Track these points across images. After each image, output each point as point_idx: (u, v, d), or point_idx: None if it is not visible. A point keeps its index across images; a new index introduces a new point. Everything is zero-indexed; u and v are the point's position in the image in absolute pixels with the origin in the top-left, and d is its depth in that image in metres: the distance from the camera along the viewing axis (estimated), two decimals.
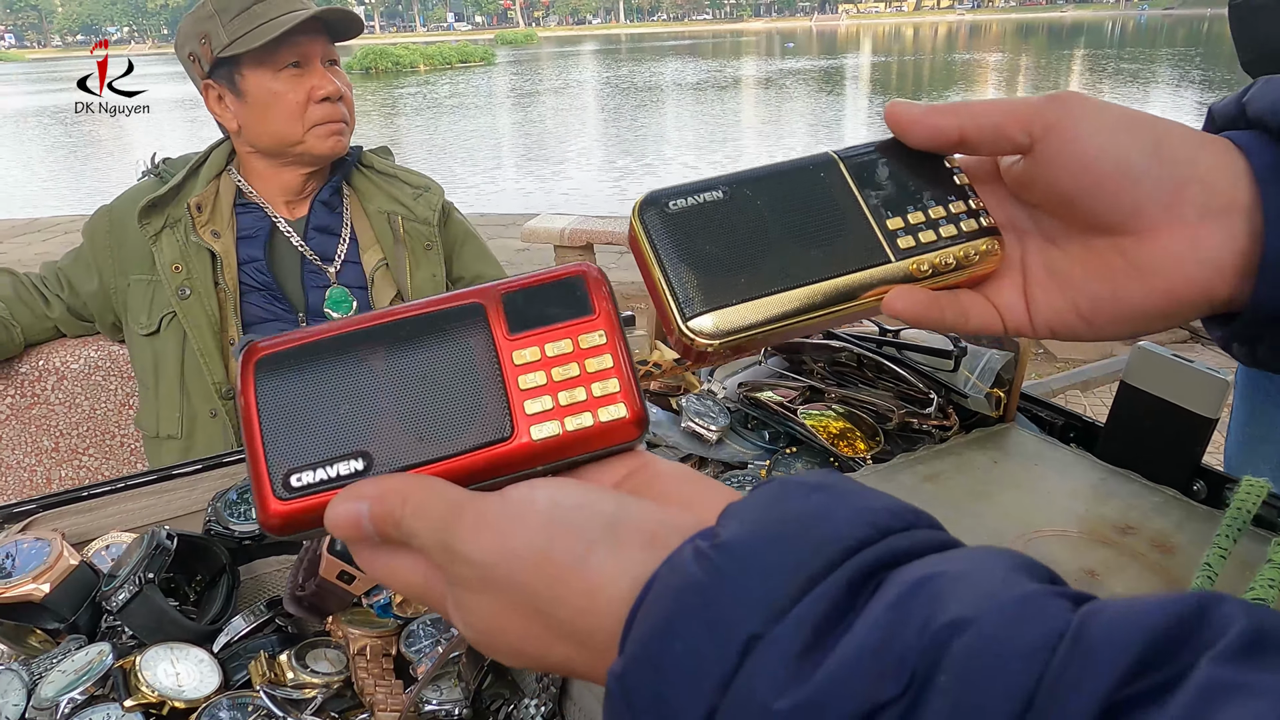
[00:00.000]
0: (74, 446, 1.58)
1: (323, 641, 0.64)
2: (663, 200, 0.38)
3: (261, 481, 0.32)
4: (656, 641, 0.25)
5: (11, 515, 0.69)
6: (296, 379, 0.33)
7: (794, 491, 0.27)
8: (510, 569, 0.28)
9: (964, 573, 0.23)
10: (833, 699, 0.21)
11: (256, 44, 1.33)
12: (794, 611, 0.23)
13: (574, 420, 0.33)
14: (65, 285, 1.50)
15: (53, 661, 0.60)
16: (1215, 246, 0.36)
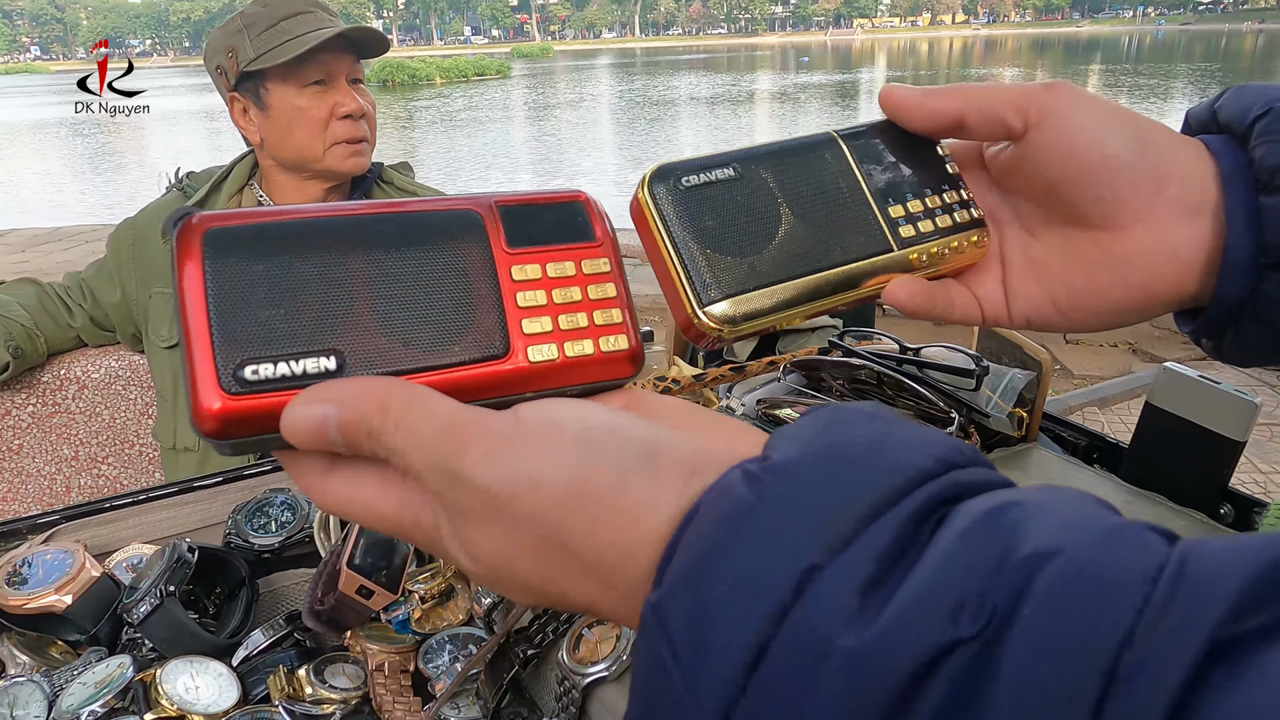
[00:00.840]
0: (93, 455, 1.59)
1: (341, 656, 0.64)
2: (675, 175, 0.36)
3: (204, 371, 0.26)
4: (702, 567, 0.22)
5: (35, 526, 0.70)
6: (255, 259, 0.27)
7: (850, 416, 0.25)
8: (533, 499, 0.25)
9: (1042, 503, 0.22)
10: (904, 636, 0.19)
11: (282, 59, 1.34)
12: (858, 541, 0.21)
13: (574, 346, 0.30)
14: (88, 295, 1.51)
15: (74, 673, 0.60)
16: (1187, 244, 0.37)
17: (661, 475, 0.25)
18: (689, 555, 0.23)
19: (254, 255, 0.27)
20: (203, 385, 0.26)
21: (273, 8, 1.39)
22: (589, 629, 0.54)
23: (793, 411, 0.85)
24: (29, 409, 1.53)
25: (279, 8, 1.39)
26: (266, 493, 0.75)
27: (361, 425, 0.26)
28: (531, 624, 0.57)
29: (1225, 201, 0.37)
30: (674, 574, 0.23)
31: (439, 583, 0.67)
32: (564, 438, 0.26)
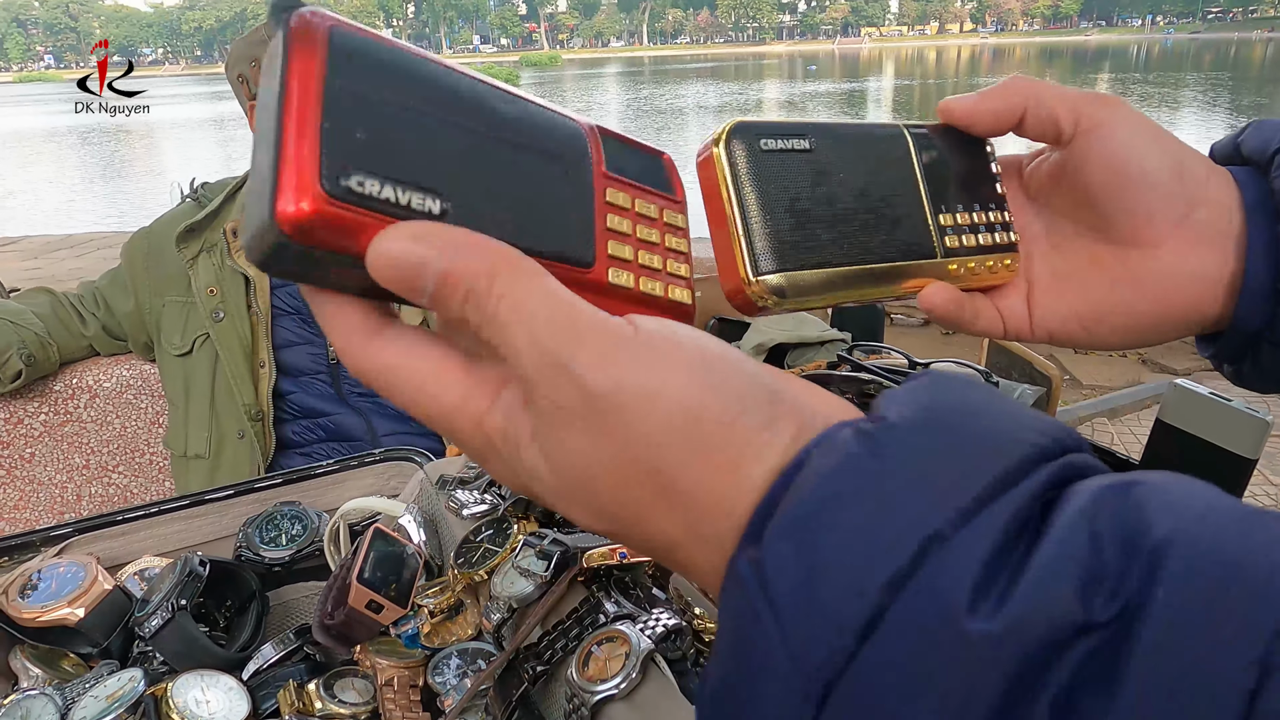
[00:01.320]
0: (104, 464, 1.60)
1: (350, 671, 0.64)
2: (754, 135, 0.36)
3: (305, 162, 0.23)
4: (812, 523, 0.21)
5: (48, 539, 0.70)
6: (378, 73, 0.25)
7: (959, 386, 0.24)
8: (641, 413, 0.23)
9: (1164, 484, 0.20)
10: (1033, 617, 0.18)
11: None
12: (982, 514, 0.20)
13: (646, 283, 0.30)
14: (101, 304, 1.53)
15: (85, 687, 0.60)
16: (1209, 267, 0.38)
17: (777, 422, 0.23)
18: (797, 509, 0.21)
19: (377, 69, 0.25)
20: (300, 175, 0.23)
21: None
22: (598, 646, 0.54)
23: None
24: (41, 417, 1.54)
25: None
26: (277, 505, 0.76)
27: (463, 283, 0.23)
28: (541, 640, 0.57)
29: (1248, 229, 0.38)
30: (779, 528, 0.21)
31: (448, 597, 0.67)
32: (685, 356, 0.24)
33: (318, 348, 1.49)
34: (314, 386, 1.49)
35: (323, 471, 0.80)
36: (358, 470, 0.82)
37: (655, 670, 0.54)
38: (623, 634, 0.54)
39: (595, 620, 0.57)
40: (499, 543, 0.64)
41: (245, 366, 1.44)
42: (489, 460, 0.26)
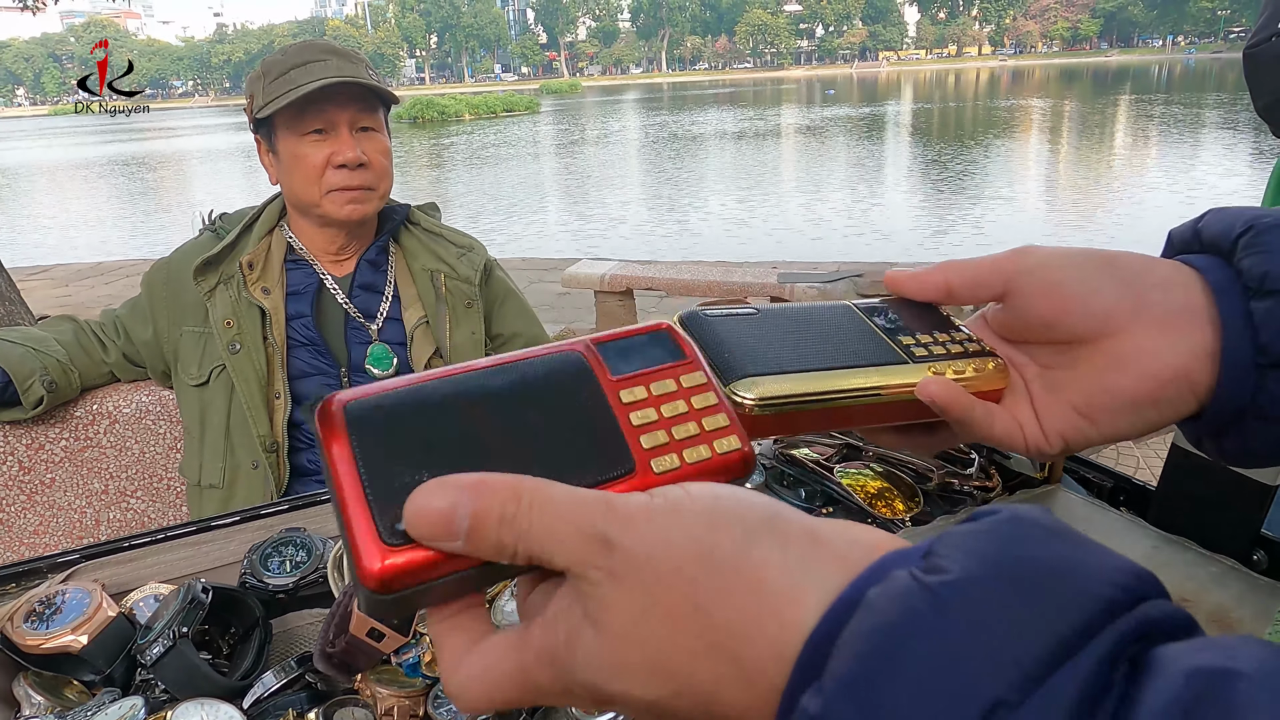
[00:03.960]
0: (122, 489, 1.61)
1: (351, 700, 0.64)
2: (700, 313, 0.43)
3: (366, 532, 0.27)
4: (873, 685, 0.21)
5: (55, 565, 0.71)
6: (392, 426, 0.29)
7: (1028, 530, 0.24)
8: (670, 559, 0.25)
9: (1263, 679, 0.19)
10: None
11: (276, 109, 1.38)
12: (1049, 682, 0.20)
13: (692, 453, 0.32)
14: (121, 333, 1.55)
15: (87, 715, 0.60)
16: (1185, 337, 0.41)
17: (789, 542, 0.25)
18: (856, 662, 0.21)
19: (389, 421, 0.29)
20: (366, 544, 0.27)
21: (288, 56, 1.43)
22: None
23: (809, 452, 0.84)
24: (62, 443, 1.56)
25: (292, 56, 1.43)
26: (282, 532, 0.76)
27: (494, 512, 0.26)
28: None
29: (1220, 310, 0.40)
30: (839, 680, 0.22)
31: None
32: (696, 504, 0.26)
33: (331, 378, 1.49)
34: None
35: (328, 498, 0.81)
36: None
37: None
38: None
39: None
40: None
41: (260, 398, 1.45)
42: (553, 690, 0.28)
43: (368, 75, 1.44)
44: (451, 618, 0.29)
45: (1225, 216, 0.43)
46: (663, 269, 4.97)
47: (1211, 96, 29.43)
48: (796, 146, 20.38)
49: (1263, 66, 1.21)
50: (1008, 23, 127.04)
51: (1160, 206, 9.98)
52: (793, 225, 10.01)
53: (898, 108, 34.12)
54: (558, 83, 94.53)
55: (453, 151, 21.85)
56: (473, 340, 1.55)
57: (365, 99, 1.44)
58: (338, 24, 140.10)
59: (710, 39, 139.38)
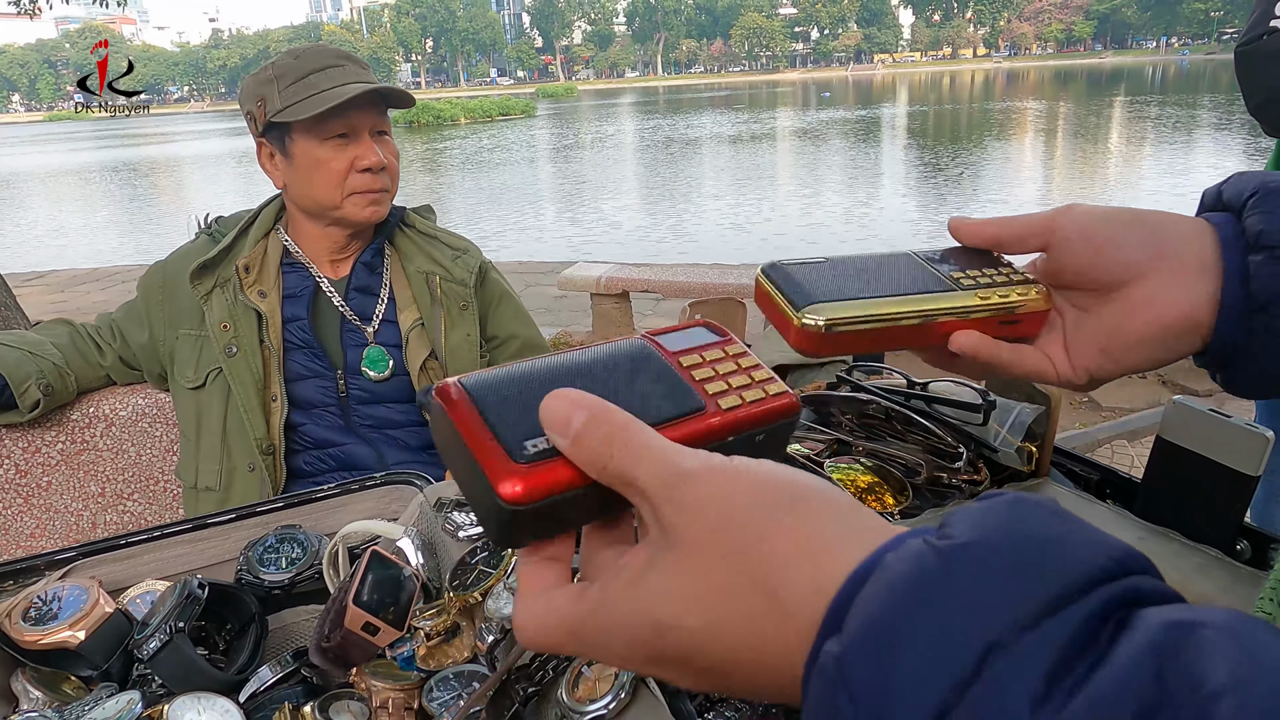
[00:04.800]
0: (119, 492, 1.62)
1: (346, 694, 0.65)
2: (779, 261, 0.50)
3: (498, 456, 0.33)
4: (886, 628, 0.24)
5: (52, 563, 0.71)
6: (506, 391, 0.35)
7: (1031, 510, 0.27)
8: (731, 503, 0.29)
9: (1230, 629, 0.22)
10: None
11: (306, 114, 1.38)
12: (1041, 628, 0.23)
13: (749, 393, 0.38)
14: (118, 336, 1.55)
15: (84, 709, 0.61)
16: (1195, 285, 0.47)
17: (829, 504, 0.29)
18: (873, 611, 0.25)
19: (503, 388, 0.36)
20: (501, 470, 0.33)
21: (303, 61, 1.43)
22: (588, 667, 0.54)
23: (801, 448, 0.85)
24: (58, 446, 1.56)
25: (309, 61, 1.43)
26: (278, 529, 0.76)
27: (601, 426, 0.32)
28: (532, 661, 0.57)
29: (1224, 260, 0.47)
30: (858, 626, 0.25)
31: (444, 619, 0.67)
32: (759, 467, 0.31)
33: (327, 380, 1.50)
34: (324, 418, 1.50)
35: (324, 495, 0.81)
36: (359, 494, 0.82)
37: (645, 690, 0.54)
38: None
39: None
40: (493, 564, 0.65)
41: (257, 400, 1.45)
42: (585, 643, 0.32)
43: (377, 81, 1.46)
44: (537, 564, 0.34)
45: (1243, 179, 0.49)
46: (658, 271, 4.98)
47: (1207, 98, 29.51)
48: (793, 150, 20.41)
49: (1255, 65, 1.22)
50: (1002, 25, 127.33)
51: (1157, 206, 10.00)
52: (788, 230, 10.02)
53: (893, 110, 34.19)
54: (554, 86, 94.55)
55: (448, 156, 21.85)
56: (468, 342, 1.55)
57: (382, 104, 1.46)
58: (333, 29, 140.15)
59: (705, 42, 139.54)
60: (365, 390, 1.51)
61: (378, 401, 1.52)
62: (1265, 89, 1.22)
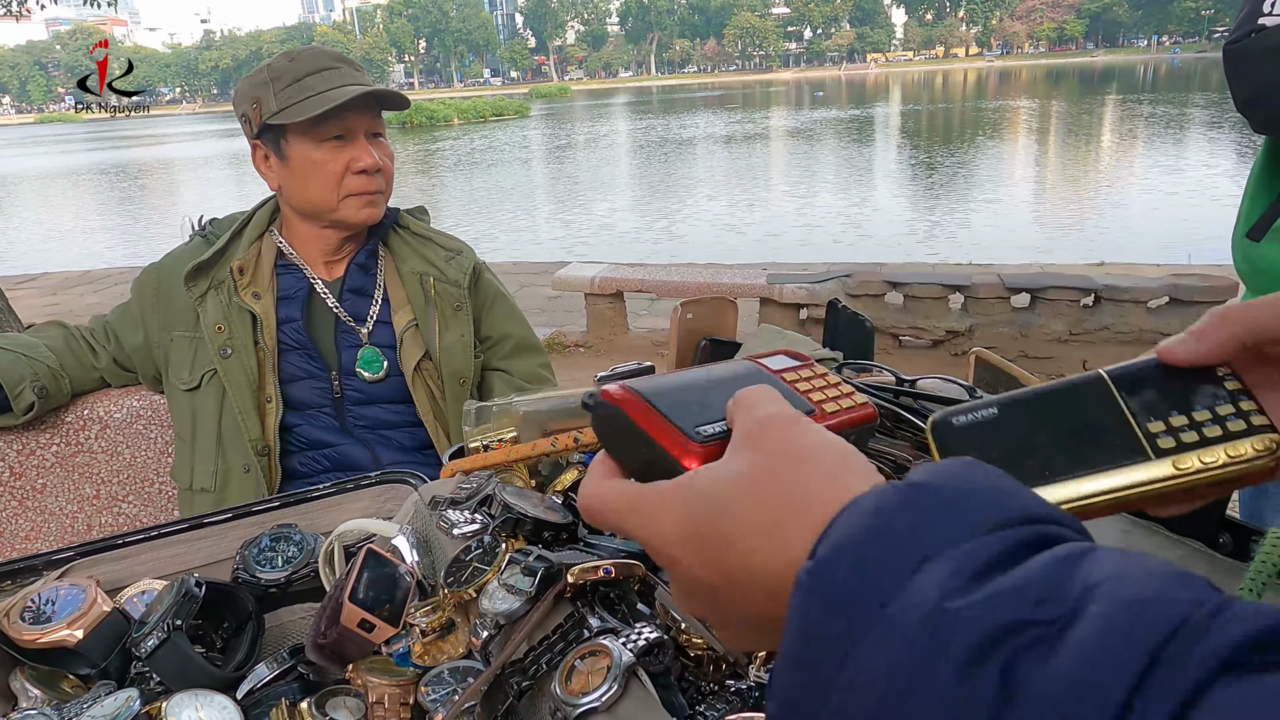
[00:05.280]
0: (114, 494, 1.62)
1: (343, 690, 0.65)
2: (949, 420, 0.46)
3: (678, 439, 0.41)
4: (850, 544, 0.30)
5: (50, 563, 0.72)
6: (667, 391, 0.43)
7: (981, 468, 0.33)
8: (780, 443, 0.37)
9: (1124, 551, 0.28)
10: (997, 607, 0.26)
11: (302, 117, 1.38)
12: (969, 544, 0.29)
13: (842, 403, 0.49)
14: (112, 338, 1.55)
15: (83, 707, 0.61)
16: None
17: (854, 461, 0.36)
18: (842, 533, 0.31)
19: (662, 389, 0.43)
20: (682, 448, 0.40)
21: (299, 63, 1.44)
22: (581, 660, 0.55)
23: None
24: (53, 448, 1.56)
25: (305, 63, 1.43)
26: (275, 529, 0.77)
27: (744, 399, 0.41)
28: (526, 656, 0.58)
29: None
30: (830, 544, 0.31)
31: (440, 616, 0.68)
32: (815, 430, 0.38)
33: (322, 382, 1.50)
34: (319, 419, 1.50)
35: (319, 495, 0.82)
36: (354, 493, 0.83)
37: (637, 684, 0.54)
38: (605, 648, 0.55)
39: (579, 635, 0.58)
40: (488, 561, 0.66)
41: (252, 402, 1.45)
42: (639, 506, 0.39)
43: (372, 83, 1.47)
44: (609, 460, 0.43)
45: None
46: (652, 271, 4.99)
47: (1199, 96, 29.62)
48: (787, 150, 20.43)
49: (1242, 63, 1.23)
50: (994, 24, 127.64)
51: (1157, 209, 10.05)
52: (782, 230, 10.03)
53: (887, 109, 34.24)
54: (547, 87, 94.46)
55: (441, 157, 21.82)
56: (462, 343, 1.56)
57: (377, 106, 1.47)
58: (326, 29, 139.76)
59: (699, 42, 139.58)
60: (360, 391, 1.51)
61: (372, 402, 1.53)
62: (1253, 86, 1.22)
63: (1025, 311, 4.32)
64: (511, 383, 1.62)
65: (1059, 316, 4.19)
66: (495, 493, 0.72)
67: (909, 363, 4.18)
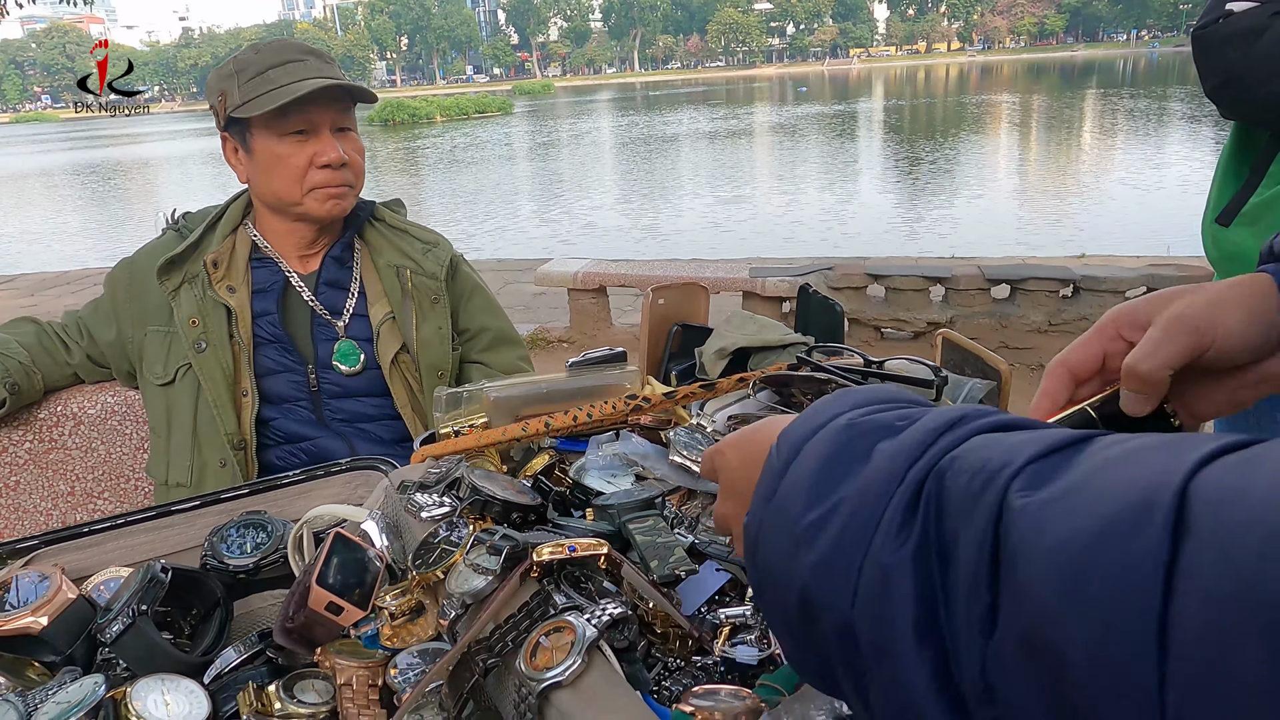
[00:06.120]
0: (89, 490, 1.61)
1: (311, 673, 0.65)
2: None
3: None
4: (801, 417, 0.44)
5: (14, 551, 0.72)
6: None
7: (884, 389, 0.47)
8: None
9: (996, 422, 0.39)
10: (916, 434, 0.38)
11: (262, 110, 1.37)
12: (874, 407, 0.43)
13: None
14: (85, 334, 1.54)
15: (48, 693, 0.61)
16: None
17: None
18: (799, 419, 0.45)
19: None
20: None
21: (264, 55, 1.42)
22: (546, 637, 0.56)
23: None
24: (26, 445, 1.55)
25: (270, 56, 1.42)
26: (243, 515, 0.77)
27: None
28: (492, 634, 0.58)
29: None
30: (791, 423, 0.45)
31: (408, 600, 0.68)
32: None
33: (298, 375, 1.49)
34: (295, 412, 1.50)
35: (289, 481, 0.82)
36: (324, 480, 0.83)
37: (601, 658, 0.55)
38: (569, 623, 0.55)
39: (545, 613, 0.58)
40: (454, 542, 0.66)
41: (228, 395, 1.44)
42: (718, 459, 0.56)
43: (343, 75, 1.45)
44: None
45: None
46: (636, 266, 4.99)
47: (1177, 89, 29.91)
48: (771, 146, 20.46)
49: (1210, 48, 1.24)
50: (976, 19, 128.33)
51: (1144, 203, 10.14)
52: (767, 228, 10.05)
53: (870, 105, 34.36)
54: (531, 83, 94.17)
55: (423, 155, 21.71)
56: (439, 335, 1.55)
57: (343, 100, 1.45)
58: (306, 26, 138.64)
59: (682, 38, 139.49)
60: (337, 384, 1.51)
61: (349, 395, 1.52)
62: (1222, 71, 1.24)
63: (1005, 302, 4.36)
64: (490, 375, 1.62)
65: (1038, 307, 4.22)
66: (463, 475, 0.72)
67: (890, 354, 4.20)
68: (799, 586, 0.37)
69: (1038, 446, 0.32)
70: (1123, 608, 0.25)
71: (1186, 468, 0.26)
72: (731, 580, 0.69)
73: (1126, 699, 0.24)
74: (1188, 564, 0.24)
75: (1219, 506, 0.25)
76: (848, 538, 0.35)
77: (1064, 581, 0.27)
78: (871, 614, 0.33)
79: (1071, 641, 0.26)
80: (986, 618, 0.29)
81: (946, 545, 0.32)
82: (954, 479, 0.34)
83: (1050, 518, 0.28)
